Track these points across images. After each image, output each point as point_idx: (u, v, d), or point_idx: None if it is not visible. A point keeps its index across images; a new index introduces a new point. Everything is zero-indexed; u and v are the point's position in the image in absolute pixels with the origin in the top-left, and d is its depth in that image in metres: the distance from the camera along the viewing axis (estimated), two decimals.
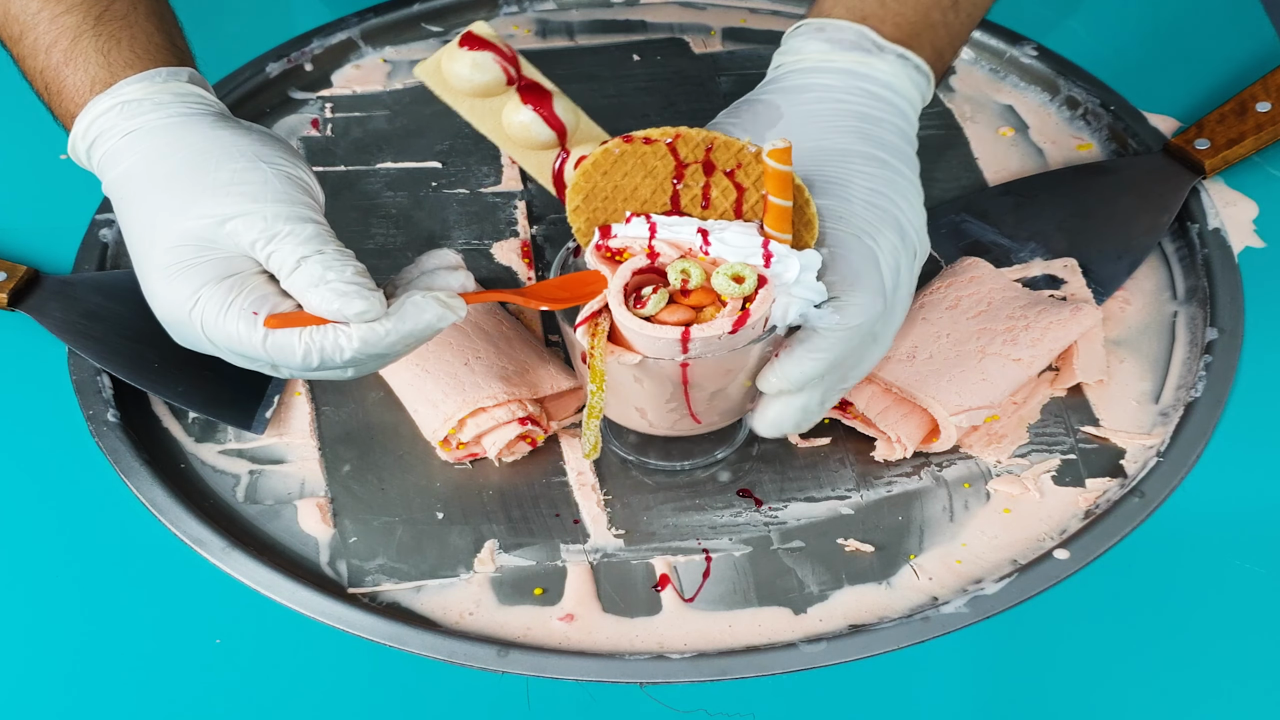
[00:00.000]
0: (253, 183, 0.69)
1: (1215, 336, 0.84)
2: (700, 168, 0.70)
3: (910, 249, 0.73)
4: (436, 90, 0.73)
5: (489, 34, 0.71)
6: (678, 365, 0.69)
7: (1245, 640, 0.71)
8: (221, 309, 0.67)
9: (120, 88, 0.72)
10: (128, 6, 0.75)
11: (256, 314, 0.67)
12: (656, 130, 0.69)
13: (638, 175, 0.70)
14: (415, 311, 0.67)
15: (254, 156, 0.70)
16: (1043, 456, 0.80)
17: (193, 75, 0.75)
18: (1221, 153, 0.92)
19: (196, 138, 0.71)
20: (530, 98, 0.73)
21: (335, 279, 0.66)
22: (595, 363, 0.68)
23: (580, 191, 0.70)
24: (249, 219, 0.68)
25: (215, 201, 0.68)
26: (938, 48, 0.79)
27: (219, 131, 0.71)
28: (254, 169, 0.69)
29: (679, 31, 1.07)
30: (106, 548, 0.76)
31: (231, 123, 0.73)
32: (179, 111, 0.72)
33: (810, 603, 0.74)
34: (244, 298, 0.67)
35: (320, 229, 0.68)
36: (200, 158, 0.70)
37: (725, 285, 0.67)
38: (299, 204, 0.69)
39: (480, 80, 0.72)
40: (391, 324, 0.66)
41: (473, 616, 0.73)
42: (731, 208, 0.71)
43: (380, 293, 0.67)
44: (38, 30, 0.74)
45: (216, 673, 0.71)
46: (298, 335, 0.66)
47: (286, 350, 0.66)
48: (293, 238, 0.67)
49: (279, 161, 0.70)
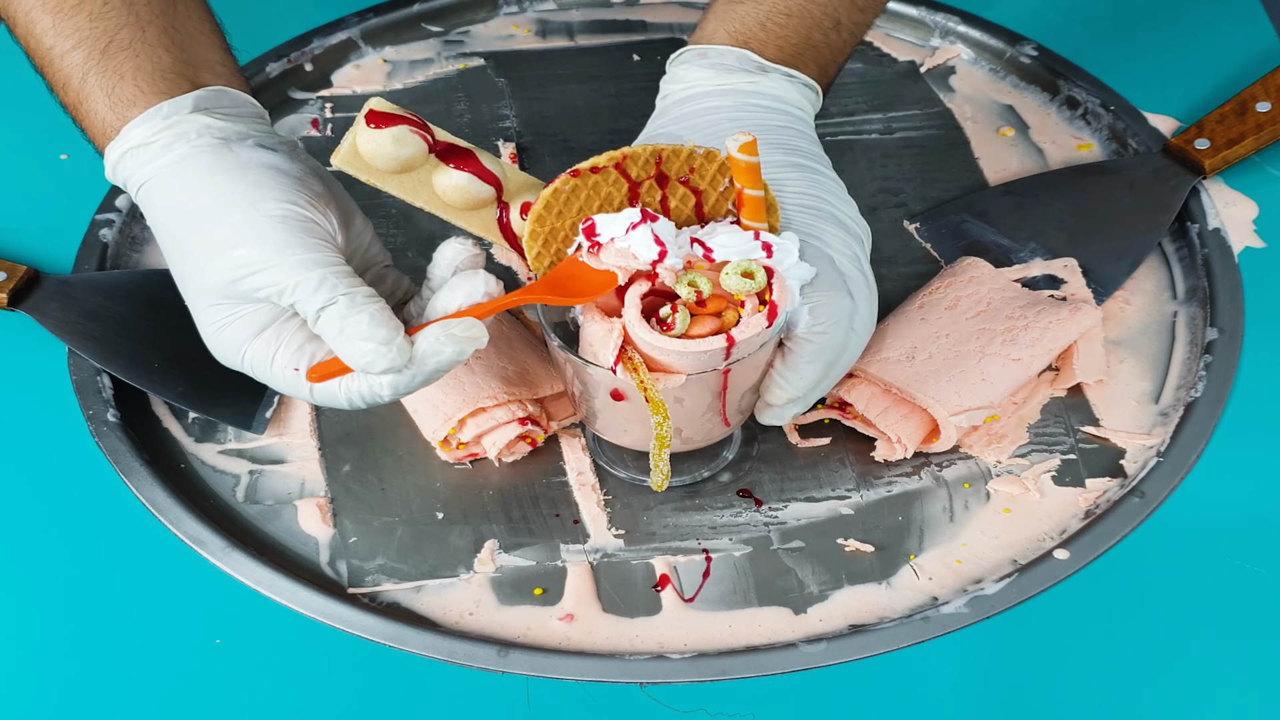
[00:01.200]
0: (251, 238, 0.69)
1: (1215, 336, 0.84)
2: (653, 182, 0.70)
3: (855, 238, 0.75)
4: (361, 175, 0.71)
5: (392, 107, 0.71)
6: (720, 374, 0.69)
7: (1245, 640, 0.71)
8: (266, 364, 0.70)
9: (126, 133, 0.72)
10: (134, 33, 0.74)
11: (298, 370, 0.70)
12: (602, 157, 0.69)
13: (593, 206, 0.70)
14: (434, 355, 0.68)
15: (248, 205, 0.69)
16: (1043, 456, 0.80)
17: (199, 99, 0.73)
18: (1221, 153, 0.92)
19: (197, 188, 0.71)
20: (455, 160, 0.72)
21: (352, 333, 0.67)
22: (652, 395, 0.68)
23: (538, 238, 0.70)
24: (258, 276, 0.68)
25: (223, 261, 0.69)
26: (822, 65, 0.81)
27: (215, 179, 0.70)
28: (249, 222, 0.69)
29: (679, 31, 1.07)
30: (106, 548, 0.76)
31: (230, 157, 0.71)
32: (181, 154, 0.71)
33: (810, 603, 0.74)
34: (284, 352, 0.70)
35: (327, 273, 0.68)
36: (200, 214, 0.70)
37: (739, 284, 0.68)
38: (301, 248, 0.68)
39: (405, 155, 0.70)
40: (415, 368, 0.68)
41: (473, 616, 0.73)
42: (692, 213, 0.71)
43: (400, 335, 0.68)
44: (52, 68, 0.75)
45: (216, 673, 0.71)
46: (338, 386, 0.70)
47: (332, 399, 0.70)
48: (303, 289, 0.68)
49: (273, 202, 0.69)
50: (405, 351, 0.67)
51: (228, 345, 0.71)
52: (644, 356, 0.69)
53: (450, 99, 1.02)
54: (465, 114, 1.01)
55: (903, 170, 0.96)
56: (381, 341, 0.67)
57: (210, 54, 0.77)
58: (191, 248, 0.70)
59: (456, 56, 1.06)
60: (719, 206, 0.72)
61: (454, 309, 0.70)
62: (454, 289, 0.70)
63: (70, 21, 0.73)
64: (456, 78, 1.04)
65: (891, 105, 1.01)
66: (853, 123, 1.00)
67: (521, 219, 0.72)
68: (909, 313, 0.83)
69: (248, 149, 0.72)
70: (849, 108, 1.01)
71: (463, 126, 1.00)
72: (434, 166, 0.72)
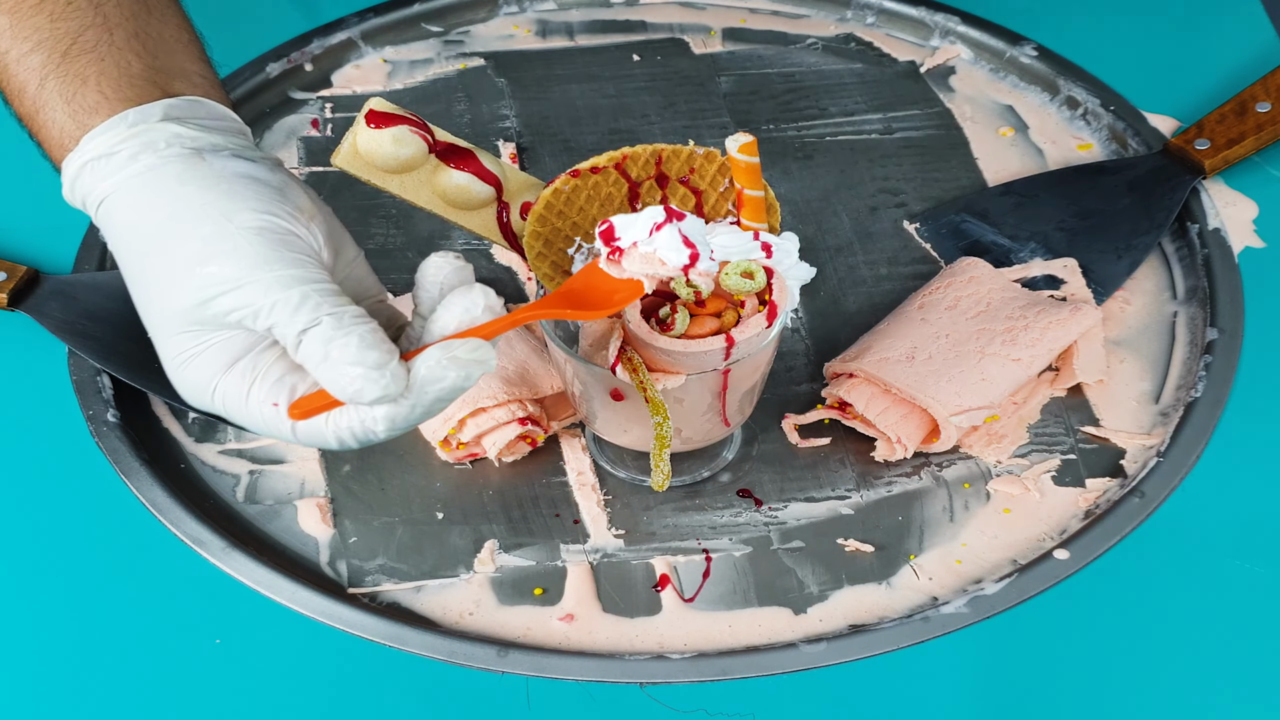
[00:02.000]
0: (224, 252, 0.61)
1: (1215, 336, 0.83)
2: (654, 182, 0.70)
3: None
4: (361, 175, 0.70)
5: (392, 107, 0.70)
6: (719, 374, 0.69)
7: (1246, 640, 0.71)
8: (241, 400, 0.62)
9: (87, 143, 0.65)
10: (100, 35, 0.67)
11: (277, 405, 0.62)
12: (602, 157, 0.69)
13: (593, 206, 0.70)
14: (435, 382, 0.60)
15: (220, 217, 0.62)
16: (1043, 456, 0.80)
17: (170, 108, 0.66)
18: (1221, 153, 0.92)
19: (163, 201, 0.63)
20: (455, 160, 0.72)
21: (339, 358, 0.59)
22: (653, 395, 0.68)
23: (539, 238, 0.70)
24: (230, 296, 0.61)
25: (191, 280, 0.61)
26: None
27: (185, 189, 0.63)
28: (221, 235, 0.61)
29: (679, 31, 1.07)
30: (106, 548, 0.76)
31: (201, 167, 0.64)
32: (147, 164, 0.64)
33: (810, 603, 0.74)
34: (260, 385, 0.62)
35: (309, 290, 0.61)
36: (166, 229, 0.63)
37: (739, 284, 0.68)
38: (279, 263, 0.61)
39: (405, 155, 0.70)
40: (413, 397, 0.60)
41: (473, 616, 0.73)
42: (692, 213, 0.71)
43: (394, 360, 0.60)
44: (7, 74, 0.68)
45: (216, 673, 0.71)
46: (325, 422, 0.62)
47: (319, 437, 0.62)
48: (282, 309, 0.60)
49: (249, 213, 0.62)
50: (401, 378, 0.60)
51: (196, 380, 0.63)
52: (644, 356, 0.69)
53: (450, 99, 1.02)
54: (465, 114, 1.01)
55: (903, 170, 0.96)
56: (373, 366, 0.59)
57: (187, 63, 0.70)
58: (155, 267, 0.63)
59: (456, 56, 1.06)
60: (719, 207, 0.72)
61: (453, 329, 0.62)
62: (449, 308, 0.63)
63: (30, 22, 0.67)
64: (456, 78, 1.04)
65: (891, 105, 1.01)
66: (852, 123, 1.00)
67: (522, 219, 0.72)
68: (909, 313, 0.83)
69: (223, 159, 0.65)
70: (849, 108, 1.01)
71: (463, 126, 1.00)
72: (434, 166, 0.72)
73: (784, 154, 0.98)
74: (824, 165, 0.97)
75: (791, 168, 0.97)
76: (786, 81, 1.03)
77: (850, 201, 0.94)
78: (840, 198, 0.95)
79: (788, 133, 0.99)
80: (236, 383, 0.62)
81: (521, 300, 0.88)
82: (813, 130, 0.99)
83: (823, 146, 0.98)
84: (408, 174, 0.72)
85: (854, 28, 1.07)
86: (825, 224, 0.93)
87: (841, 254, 0.91)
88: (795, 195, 0.95)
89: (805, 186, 0.95)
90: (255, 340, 0.63)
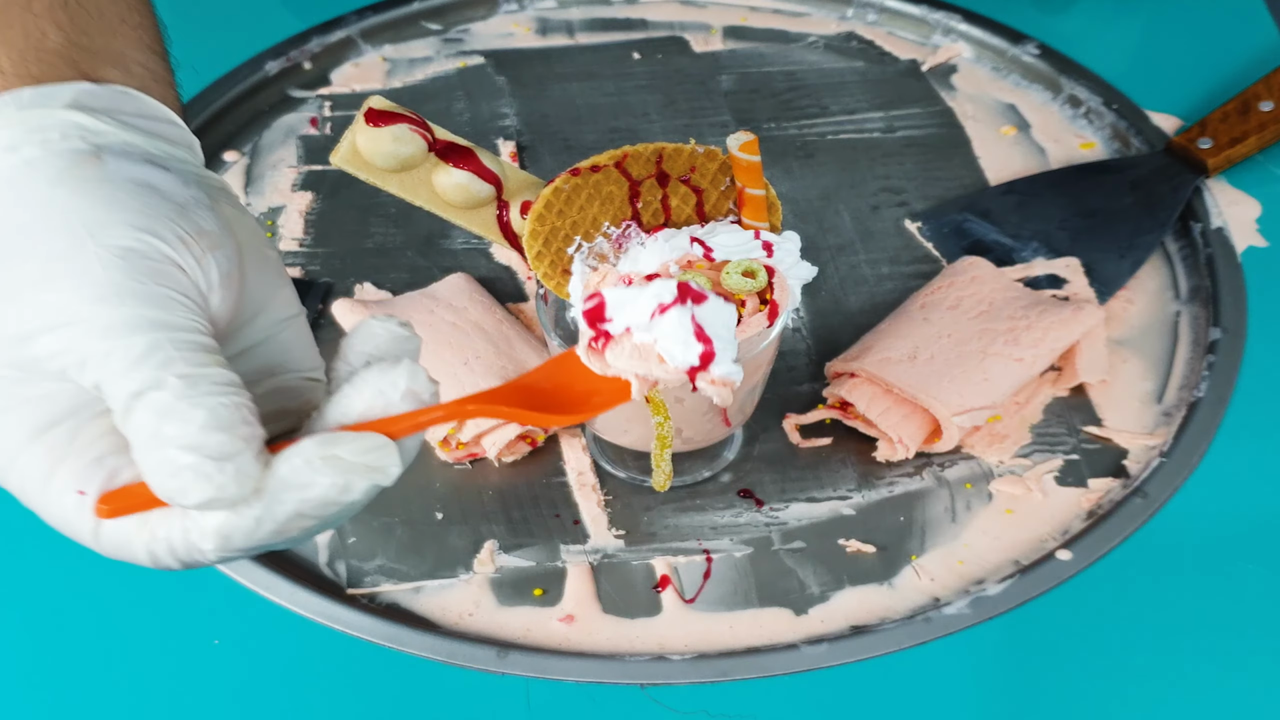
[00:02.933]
0: (66, 274, 0.46)
1: (1218, 336, 0.83)
2: (654, 181, 0.70)
3: None
4: (360, 174, 0.70)
5: (391, 106, 0.70)
6: None
7: (1248, 641, 0.71)
8: (41, 482, 0.47)
9: None
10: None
11: (83, 493, 0.46)
12: (603, 155, 0.69)
13: (594, 205, 0.70)
14: (298, 489, 0.45)
15: (82, 231, 0.47)
16: (1045, 457, 0.79)
17: (84, 95, 0.53)
18: (1224, 152, 0.92)
19: (24, 204, 0.49)
20: (455, 159, 0.71)
21: (170, 435, 0.44)
22: (653, 395, 0.67)
23: (539, 237, 0.70)
24: (55, 335, 0.46)
25: (15, 308, 0.47)
26: None
27: (54, 191, 0.49)
28: (73, 253, 0.47)
29: (679, 29, 1.07)
30: None
31: (88, 168, 0.50)
32: (25, 158, 0.50)
33: (811, 603, 0.73)
34: (71, 463, 0.46)
35: (162, 339, 0.45)
36: (12, 241, 0.48)
37: (740, 283, 0.67)
38: (133, 298, 0.46)
39: (405, 153, 0.70)
40: (264, 507, 0.45)
41: (472, 617, 0.73)
42: (693, 212, 0.71)
43: (248, 452, 0.45)
44: None
45: (215, 673, 0.71)
46: (138, 526, 0.47)
47: (125, 548, 0.47)
48: (118, 359, 0.45)
49: (122, 228, 0.48)
50: (248, 477, 0.45)
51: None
52: None
53: (450, 97, 1.02)
54: (465, 112, 1.01)
55: (904, 169, 0.96)
56: (211, 455, 0.44)
57: (127, 48, 0.57)
58: None
59: (456, 55, 1.05)
60: (720, 205, 0.71)
61: (355, 418, 0.48)
62: (359, 387, 0.48)
63: None
64: (456, 76, 1.04)
65: (893, 104, 1.01)
66: (854, 121, 1.00)
67: (521, 218, 0.72)
68: (911, 312, 0.82)
69: (125, 162, 0.51)
70: (850, 106, 1.01)
71: (462, 125, 1.00)
72: (434, 165, 0.72)
73: (785, 153, 0.97)
74: (825, 164, 0.97)
75: (793, 166, 0.96)
76: (788, 80, 1.03)
77: (852, 200, 0.94)
78: (842, 197, 0.94)
79: (789, 131, 0.99)
80: (42, 457, 0.47)
81: (520, 299, 0.88)
82: (814, 129, 0.99)
83: (824, 145, 0.98)
84: (407, 173, 0.71)
85: (855, 26, 1.07)
86: (827, 223, 0.93)
87: (843, 253, 0.91)
88: (796, 194, 0.94)
89: (806, 185, 0.95)
90: (83, 402, 0.47)
